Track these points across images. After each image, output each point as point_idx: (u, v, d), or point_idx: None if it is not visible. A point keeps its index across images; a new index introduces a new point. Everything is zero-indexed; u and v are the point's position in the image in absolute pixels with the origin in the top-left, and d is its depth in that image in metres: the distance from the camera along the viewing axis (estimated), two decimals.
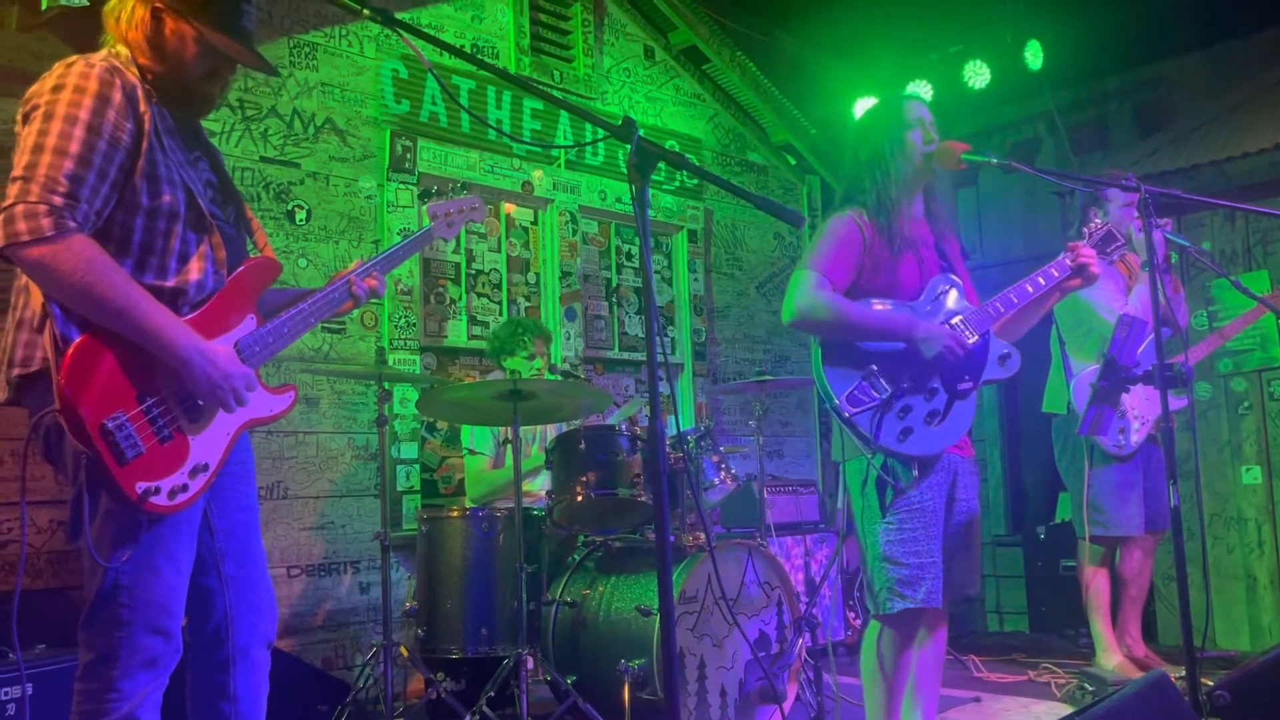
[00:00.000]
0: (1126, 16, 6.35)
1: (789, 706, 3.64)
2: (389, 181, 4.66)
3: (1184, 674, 2.49)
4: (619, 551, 3.76)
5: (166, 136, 2.00)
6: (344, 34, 4.61)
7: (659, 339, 1.74)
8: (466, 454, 4.29)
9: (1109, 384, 3.15)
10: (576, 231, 5.45)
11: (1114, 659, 4.23)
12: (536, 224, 5.40)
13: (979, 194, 7.18)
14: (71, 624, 1.95)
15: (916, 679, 2.79)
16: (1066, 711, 3.60)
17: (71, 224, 1.81)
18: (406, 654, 3.63)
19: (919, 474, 2.65)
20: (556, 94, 3.00)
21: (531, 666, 3.50)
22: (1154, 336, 2.69)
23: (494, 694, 3.40)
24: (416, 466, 4.63)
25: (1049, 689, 4.24)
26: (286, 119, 4.38)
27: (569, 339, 5.31)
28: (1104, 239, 2.91)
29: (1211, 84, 6.42)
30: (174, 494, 1.89)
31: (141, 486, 1.84)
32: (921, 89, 6.52)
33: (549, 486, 3.76)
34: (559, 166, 5.41)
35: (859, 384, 2.60)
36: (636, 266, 5.83)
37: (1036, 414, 4.67)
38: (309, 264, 4.38)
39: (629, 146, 1.76)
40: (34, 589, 3.52)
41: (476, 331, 5.03)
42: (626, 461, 3.62)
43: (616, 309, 5.75)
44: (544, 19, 5.45)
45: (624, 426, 3.72)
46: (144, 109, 1.95)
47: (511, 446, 3.48)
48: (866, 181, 2.78)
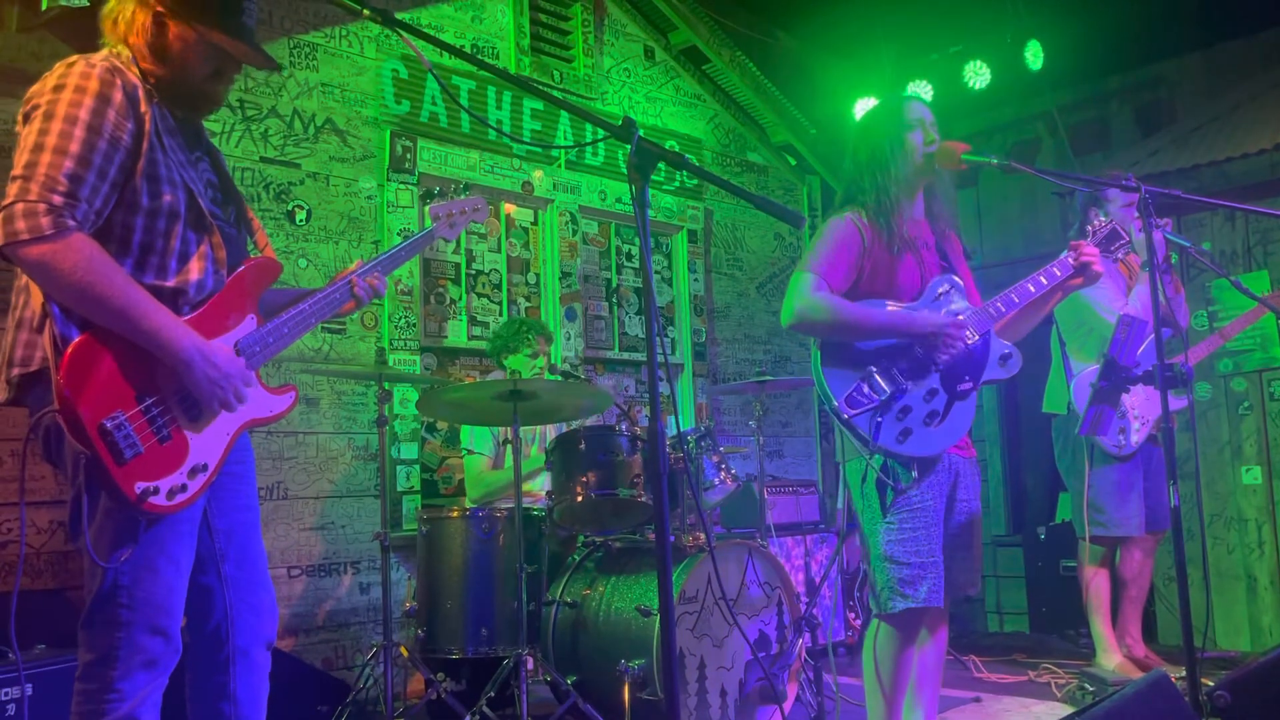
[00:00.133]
0: (1127, 17, 6.36)
1: (789, 707, 3.63)
2: (389, 182, 4.66)
3: (1184, 674, 2.49)
4: (619, 552, 3.76)
5: (167, 137, 2.00)
6: (344, 34, 4.61)
7: (659, 339, 1.74)
8: (466, 454, 4.28)
9: (1109, 384, 3.15)
10: (576, 232, 5.45)
11: (1114, 659, 4.23)
12: (536, 224, 5.40)
13: (979, 194, 7.18)
14: (71, 624, 1.95)
15: (917, 679, 2.79)
16: (1067, 712, 3.60)
17: (71, 223, 1.81)
18: (406, 654, 3.63)
19: (919, 474, 2.65)
20: (556, 94, 3.00)
21: (531, 667, 3.50)
22: (1154, 337, 2.69)
23: (494, 694, 3.40)
24: (416, 467, 4.63)
25: (1049, 689, 4.23)
26: (287, 119, 4.38)
27: (569, 339, 5.31)
28: (1108, 237, 2.90)
29: (1212, 84, 6.42)
30: (173, 494, 1.89)
31: (140, 487, 1.84)
32: (922, 89, 6.52)
33: (549, 487, 3.76)
34: (559, 167, 5.41)
35: (858, 385, 2.60)
36: (636, 267, 5.83)
37: (1037, 414, 4.67)
38: (309, 264, 4.38)
39: (629, 147, 1.76)
40: (34, 589, 3.52)
41: (476, 332, 5.03)
42: (627, 462, 3.62)
43: (616, 309, 5.75)
44: (544, 19, 5.45)
45: (624, 426, 3.72)
46: (145, 109, 1.95)
47: (511, 447, 3.48)
48: (866, 182, 2.77)
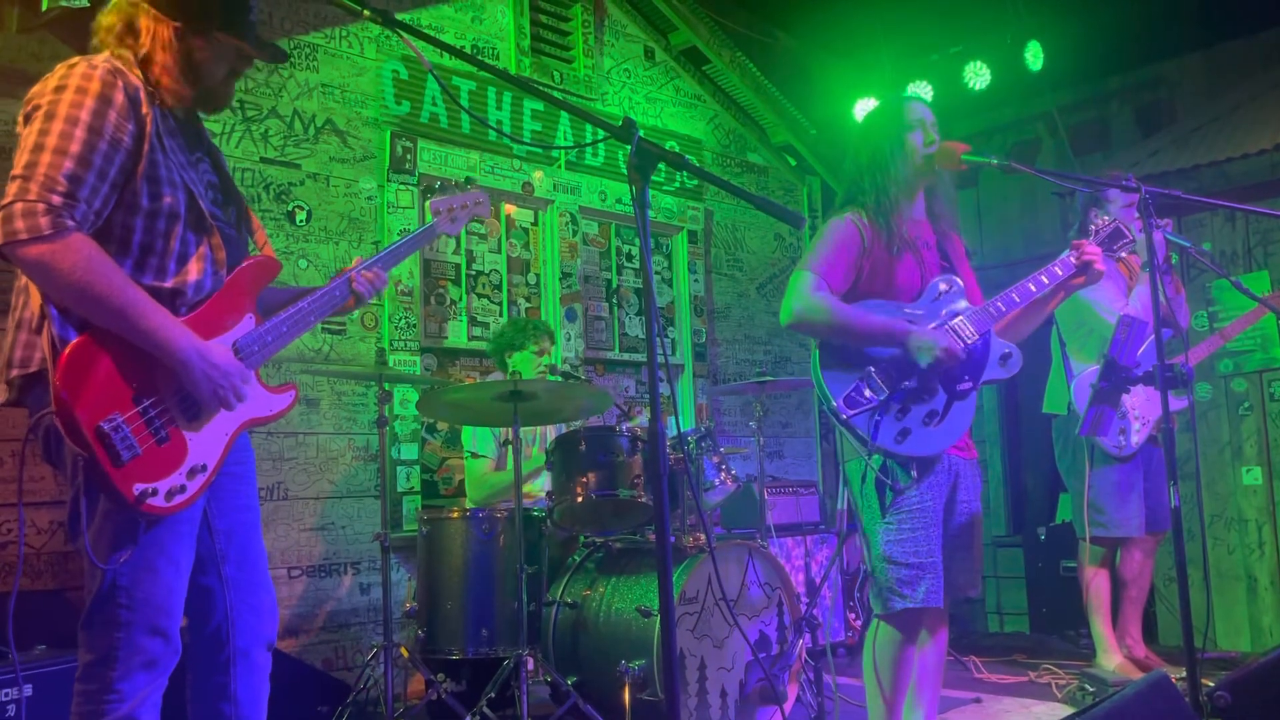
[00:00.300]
0: (1127, 17, 6.36)
1: (789, 707, 3.63)
2: (389, 182, 4.66)
3: (1184, 675, 2.49)
4: (619, 552, 3.76)
5: (168, 138, 2.00)
6: (344, 35, 4.61)
7: (659, 340, 1.74)
8: (469, 457, 4.28)
9: (1109, 385, 3.15)
10: (577, 232, 5.45)
11: (1114, 660, 4.22)
12: (537, 225, 5.40)
13: (979, 195, 7.18)
14: (71, 625, 1.95)
15: (918, 680, 2.79)
16: (1067, 712, 3.60)
17: (69, 223, 1.81)
18: (407, 655, 3.62)
19: (918, 475, 2.65)
20: (557, 95, 3.01)
21: (532, 667, 3.50)
22: (1154, 337, 2.69)
23: (494, 695, 3.40)
24: (417, 467, 4.63)
25: (1050, 690, 4.23)
26: (287, 120, 4.38)
27: (569, 340, 5.31)
28: (1111, 235, 2.90)
29: (1212, 84, 6.42)
30: (171, 495, 1.89)
31: (139, 488, 1.83)
32: (922, 90, 6.51)
33: (549, 487, 3.76)
34: (559, 167, 5.41)
35: (856, 385, 2.60)
36: (637, 267, 5.83)
37: (1037, 415, 4.67)
38: (309, 265, 4.38)
39: (629, 147, 1.76)
40: (33, 590, 3.52)
41: (477, 332, 5.03)
42: (627, 462, 3.62)
43: (617, 310, 5.75)
44: (544, 20, 5.45)
45: (624, 427, 3.72)
46: (146, 110, 1.95)
47: (512, 447, 3.48)
48: (866, 183, 2.77)
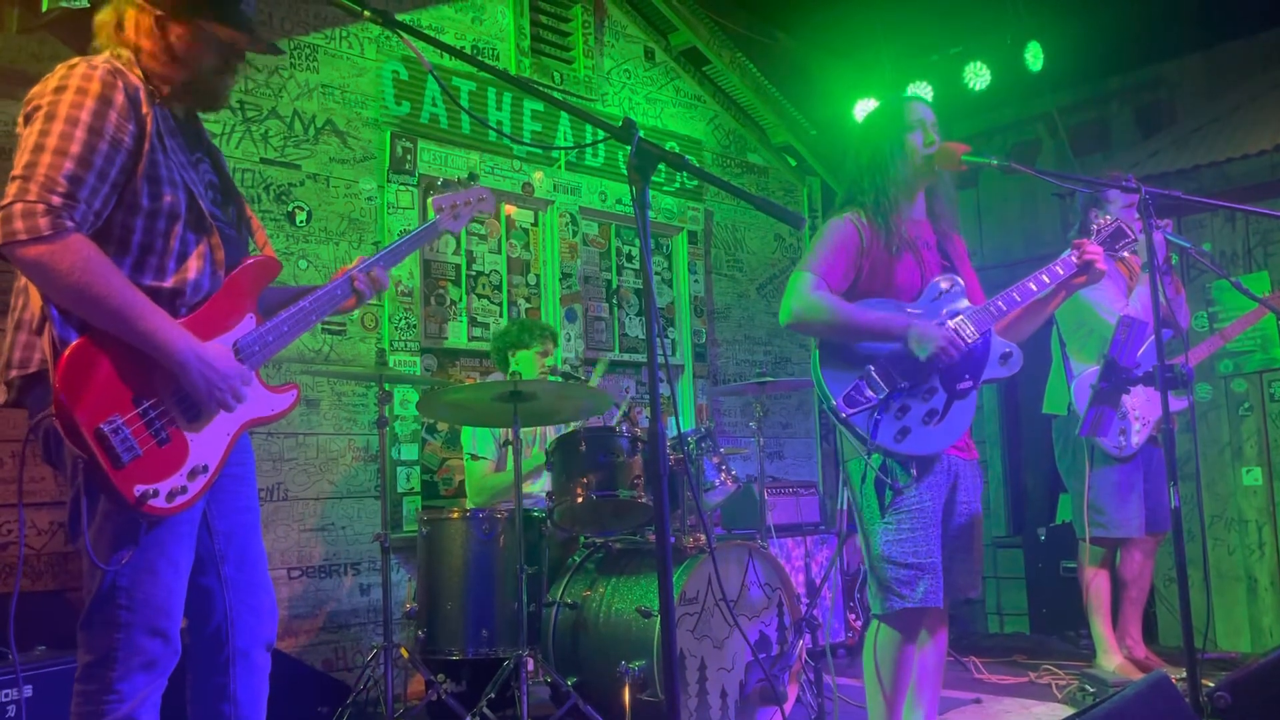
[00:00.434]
0: (1127, 17, 6.36)
1: (790, 708, 3.63)
2: (389, 183, 4.66)
3: (1185, 675, 2.49)
4: (619, 553, 3.76)
5: (169, 138, 2.00)
6: (344, 36, 4.61)
7: (659, 340, 1.74)
8: (469, 459, 4.27)
9: (1109, 385, 3.14)
10: (577, 233, 5.45)
11: (1114, 660, 4.22)
12: (537, 225, 5.40)
13: (979, 195, 7.18)
14: (71, 626, 1.95)
15: (917, 680, 2.79)
16: (1067, 713, 3.60)
17: (69, 224, 1.81)
18: (407, 655, 3.62)
19: (918, 474, 2.65)
20: (557, 95, 3.01)
21: (532, 668, 3.50)
22: (1154, 338, 2.69)
23: (494, 695, 3.40)
24: (417, 468, 4.63)
25: (1050, 690, 4.23)
26: (287, 120, 4.38)
27: (569, 340, 5.31)
28: (1113, 235, 2.90)
29: (1212, 85, 6.42)
30: (172, 496, 1.89)
31: (139, 489, 1.83)
32: (922, 90, 6.51)
33: (549, 488, 3.76)
34: (559, 168, 5.41)
35: (856, 384, 2.60)
36: (637, 268, 5.83)
37: (1037, 415, 4.67)
38: (309, 265, 4.38)
39: (629, 148, 1.76)
40: (33, 591, 3.52)
41: (477, 333, 5.03)
42: (627, 463, 3.62)
43: (617, 310, 5.75)
44: (544, 20, 5.45)
45: (624, 428, 3.71)
46: (146, 110, 1.95)
47: (512, 448, 3.48)
48: (866, 183, 2.77)
